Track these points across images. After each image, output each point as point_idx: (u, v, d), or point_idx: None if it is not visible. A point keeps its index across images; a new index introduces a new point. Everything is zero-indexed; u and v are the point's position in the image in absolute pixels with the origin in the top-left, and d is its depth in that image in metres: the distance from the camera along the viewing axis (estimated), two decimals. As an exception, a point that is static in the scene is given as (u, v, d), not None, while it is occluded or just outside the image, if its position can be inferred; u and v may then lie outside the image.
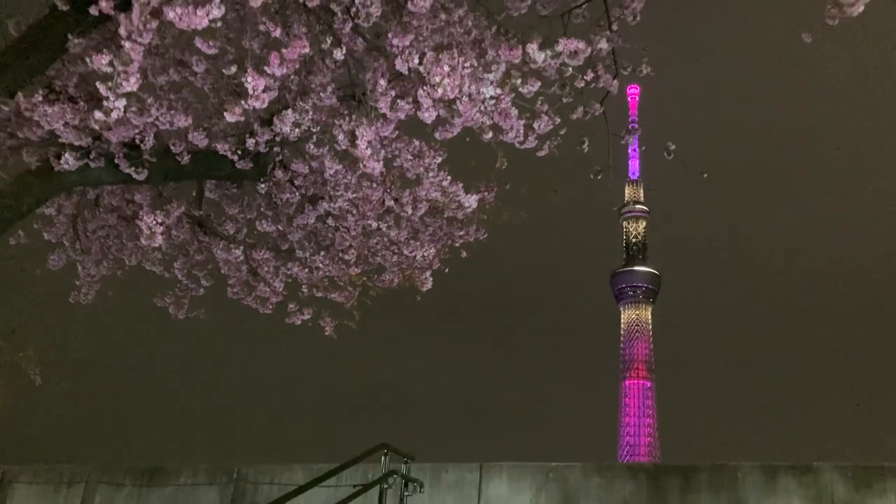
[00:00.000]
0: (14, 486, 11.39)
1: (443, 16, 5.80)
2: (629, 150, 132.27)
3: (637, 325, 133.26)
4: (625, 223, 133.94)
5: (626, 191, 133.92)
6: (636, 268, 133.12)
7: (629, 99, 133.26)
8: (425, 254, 7.11)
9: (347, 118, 5.37)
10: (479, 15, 6.05)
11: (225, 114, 4.70)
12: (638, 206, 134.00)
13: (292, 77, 5.63)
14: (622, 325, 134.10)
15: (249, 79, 4.47)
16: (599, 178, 7.30)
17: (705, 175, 7.67)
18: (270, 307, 7.27)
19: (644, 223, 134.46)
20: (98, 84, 4.40)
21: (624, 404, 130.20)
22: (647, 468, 9.54)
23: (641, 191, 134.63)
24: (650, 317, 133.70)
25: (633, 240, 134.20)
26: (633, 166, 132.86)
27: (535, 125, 5.29)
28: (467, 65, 4.68)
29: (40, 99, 5.21)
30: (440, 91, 4.54)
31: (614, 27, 6.70)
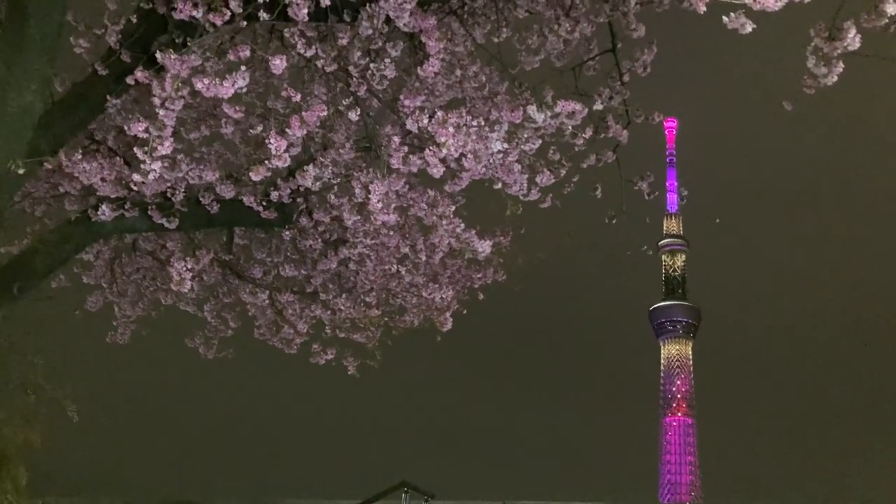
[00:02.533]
0: (53, 517, 11.77)
1: (458, 72, 6.12)
2: (667, 184, 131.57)
3: (678, 360, 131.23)
4: (664, 257, 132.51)
5: (665, 224, 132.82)
6: (676, 302, 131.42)
7: (666, 132, 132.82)
8: (444, 296, 7.36)
9: (365, 171, 5.69)
10: (493, 70, 6.36)
11: (251, 174, 5.04)
12: (677, 240, 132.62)
13: (317, 130, 5.99)
14: (662, 361, 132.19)
15: (273, 140, 4.81)
16: (614, 222, 7.51)
17: (717, 220, 7.88)
18: (295, 347, 7.58)
19: (683, 257, 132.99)
20: (135, 149, 4.77)
21: (665, 441, 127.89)
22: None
23: (681, 224, 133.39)
24: (691, 352, 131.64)
25: (673, 274, 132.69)
26: (672, 199, 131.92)
27: (538, 179, 5.55)
28: (474, 123, 4.97)
29: (79, 157, 5.61)
30: (444, 151, 4.84)
31: (625, 79, 6.97)
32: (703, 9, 4.00)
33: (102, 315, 8.00)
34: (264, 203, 6.17)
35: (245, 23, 4.90)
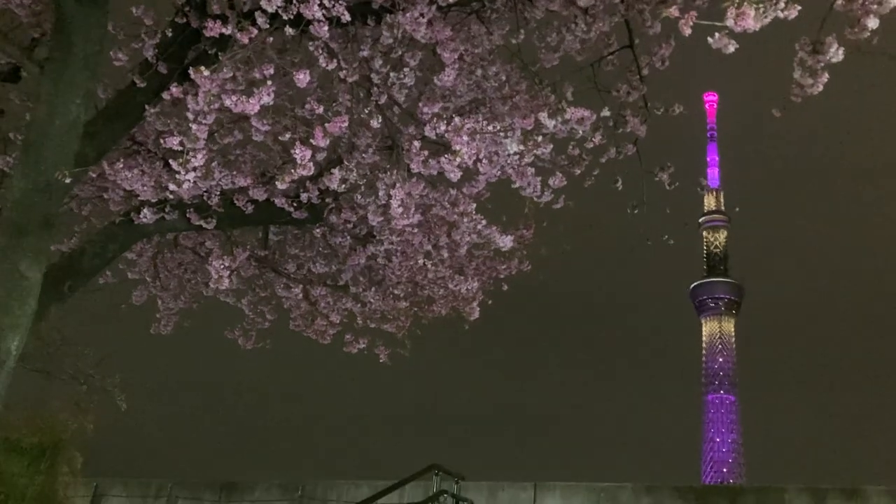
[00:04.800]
0: (107, 498, 12.39)
1: (479, 72, 6.35)
2: (708, 159, 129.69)
3: (720, 337, 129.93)
4: (705, 233, 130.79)
5: (706, 200, 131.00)
6: (717, 279, 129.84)
7: (707, 106, 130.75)
8: (469, 287, 7.62)
9: (389, 173, 5.97)
10: (513, 67, 6.57)
11: (277, 182, 5.34)
12: (718, 216, 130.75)
13: (344, 132, 6.28)
14: (704, 338, 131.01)
15: (298, 150, 5.11)
16: (636, 212, 7.69)
17: (737, 209, 8.01)
18: (329, 338, 7.92)
19: (725, 233, 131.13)
20: (171, 161, 5.11)
21: (707, 420, 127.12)
22: (696, 489, 9.82)
23: (722, 199, 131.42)
24: (733, 329, 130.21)
25: (714, 250, 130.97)
26: (713, 174, 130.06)
27: (551, 181, 5.76)
28: (489, 128, 5.20)
29: (121, 165, 5.97)
30: (458, 160, 5.09)
31: (644, 73, 7.11)
32: (688, 31, 4.16)
33: (147, 308, 8.43)
34: (295, 204, 6.48)
35: (272, 38, 5.18)
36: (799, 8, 3.94)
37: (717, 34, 4.09)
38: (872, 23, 3.95)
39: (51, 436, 9.19)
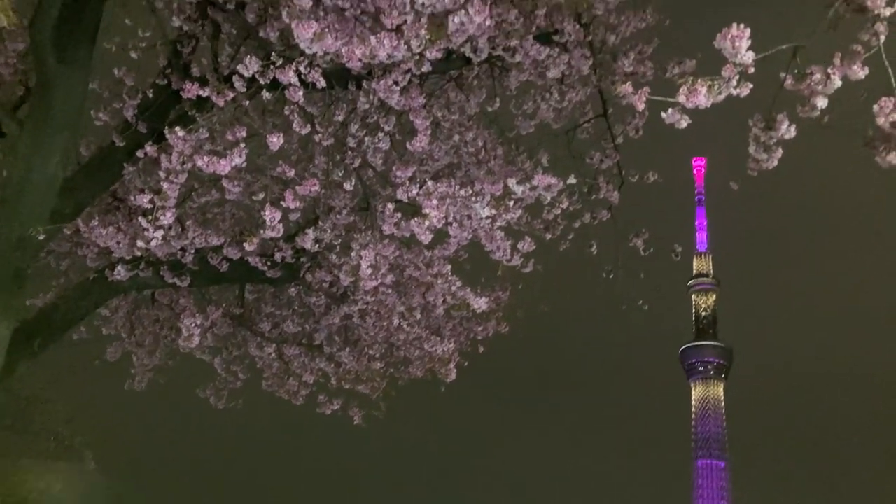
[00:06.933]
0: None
1: (456, 137, 6.47)
2: (696, 223, 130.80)
3: (709, 402, 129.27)
4: (694, 296, 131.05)
5: (695, 263, 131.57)
6: (706, 342, 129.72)
7: (695, 171, 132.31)
8: (445, 349, 7.61)
9: (363, 233, 6.03)
10: (490, 133, 6.70)
11: (244, 244, 5.39)
12: (707, 279, 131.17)
13: (321, 190, 6.35)
14: (693, 402, 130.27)
15: (267, 212, 5.18)
16: (611, 277, 7.75)
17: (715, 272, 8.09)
18: (301, 399, 7.86)
19: (714, 296, 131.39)
20: (140, 218, 5.16)
21: (697, 486, 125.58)
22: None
23: (711, 263, 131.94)
24: (723, 393, 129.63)
25: (703, 313, 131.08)
26: (701, 238, 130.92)
27: (520, 246, 5.84)
28: (461, 193, 5.29)
29: (96, 223, 6.02)
30: (427, 223, 5.17)
31: (619, 141, 7.26)
32: (641, 106, 4.29)
33: (121, 364, 8.36)
34: (269, 263, 6.52)
35: (248, 102, 5.30)
36: (751, 86, 4.08)
37: (670, 109, 4.21)
38: (821, 102, 4.09)
39: (17, 494, 9.01)
